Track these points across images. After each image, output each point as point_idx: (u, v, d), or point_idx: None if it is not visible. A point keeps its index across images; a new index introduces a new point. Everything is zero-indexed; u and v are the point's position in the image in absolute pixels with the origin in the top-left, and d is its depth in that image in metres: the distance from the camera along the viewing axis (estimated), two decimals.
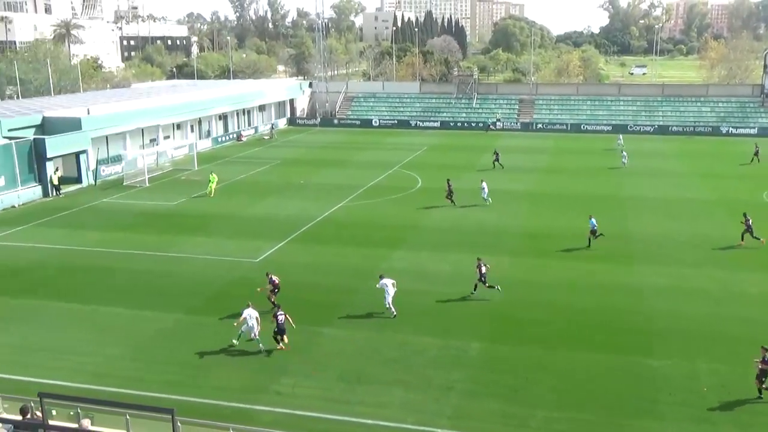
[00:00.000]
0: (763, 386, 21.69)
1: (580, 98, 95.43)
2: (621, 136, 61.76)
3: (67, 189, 53.27)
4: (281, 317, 25.29)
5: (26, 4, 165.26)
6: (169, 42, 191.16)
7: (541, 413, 21.27)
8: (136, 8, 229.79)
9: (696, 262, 35.21)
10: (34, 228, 42.91)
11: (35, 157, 51.41)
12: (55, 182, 51.79)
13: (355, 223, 43.42)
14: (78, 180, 55.91)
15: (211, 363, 24.62)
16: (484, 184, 47.80)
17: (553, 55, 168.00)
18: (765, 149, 64.45)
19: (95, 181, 56.57)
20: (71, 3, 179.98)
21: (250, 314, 25.18)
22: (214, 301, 30.39)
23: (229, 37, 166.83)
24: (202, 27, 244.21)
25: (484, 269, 30.10)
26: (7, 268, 35.01)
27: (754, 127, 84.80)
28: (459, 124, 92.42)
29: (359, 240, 39.48)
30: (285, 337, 25.28)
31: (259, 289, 29.26)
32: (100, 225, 43.49)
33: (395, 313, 28.15)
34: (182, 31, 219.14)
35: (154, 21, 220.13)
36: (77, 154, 55.57)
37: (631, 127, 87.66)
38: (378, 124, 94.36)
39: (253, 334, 25.18)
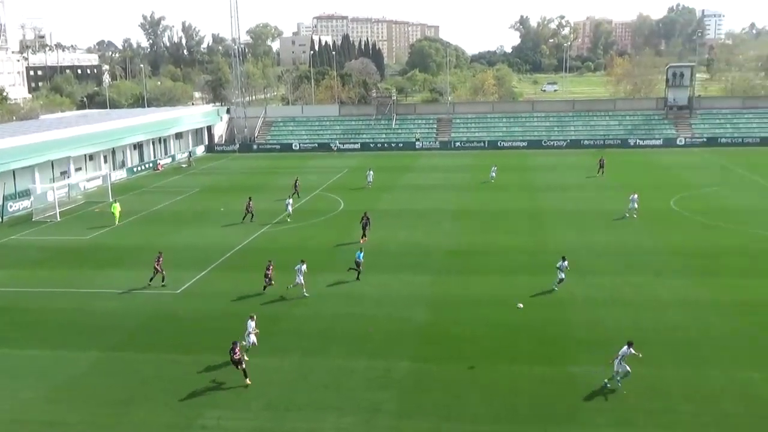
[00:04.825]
0: None
1: (496, 116, 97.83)
2: (494, 168, 63.67)
3: None
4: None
5: None
6: (79, 71, 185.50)
7: (470, 428, 21.42)
8: (43, 37, 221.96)
9: (613, 271, 36.38)
10: None
11: None
12: None
13: (278, 248, 42.91)
14: None
15: (134, 400, 23.73)
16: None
17: (469, 74, 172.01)
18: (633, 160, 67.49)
19: (2, 218, 54.06)
20: None
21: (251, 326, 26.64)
22: (135, 337, 29.38)
23: (142, 65, 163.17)
24: (113, 55, 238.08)
25: None
26: None
27: (659, 138, 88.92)
28: (380, 145, 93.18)
29: (283, 265, 38.97)
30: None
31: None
32: (8, 263, 41.49)
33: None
34: (93, 60, 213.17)
35: (63, 50, 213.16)
36: None
37: (545, 142, 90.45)
38: (298, 147, 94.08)
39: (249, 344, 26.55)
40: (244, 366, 24.36)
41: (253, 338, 26.73)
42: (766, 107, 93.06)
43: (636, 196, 48.34)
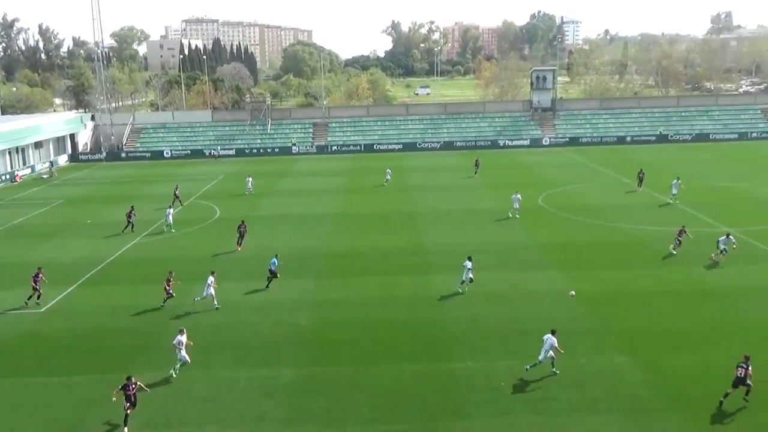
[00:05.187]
0: (732, 390, 22.10)
1: (371, 119, 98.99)
2: (389, 170, 64.84)
3: None
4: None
5: None
6: None
7: (356, 430, 21.52)
8: None
9: (487, 267, 37.64)
10: None
11: None
12: None
13: (150, 260, 41.29)
14: None
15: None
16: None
17: (343, 78, 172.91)
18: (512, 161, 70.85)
19: None
20: None
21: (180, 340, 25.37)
22: None
23: None
24: None
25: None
26: None
27: (526, 139, 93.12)
28: (255, 151, 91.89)
29: (156, 278, 37.46)
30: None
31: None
32: None
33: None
34: None
35: None
36: None
37: (419, 144, 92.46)
38: (170, 155, 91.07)
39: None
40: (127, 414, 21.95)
41: (184, 354, 25.64)
42: (620, 108, 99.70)
43: (518, 195, 50.04)
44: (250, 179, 63.29)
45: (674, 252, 38.59)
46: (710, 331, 28.11)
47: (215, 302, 32.16)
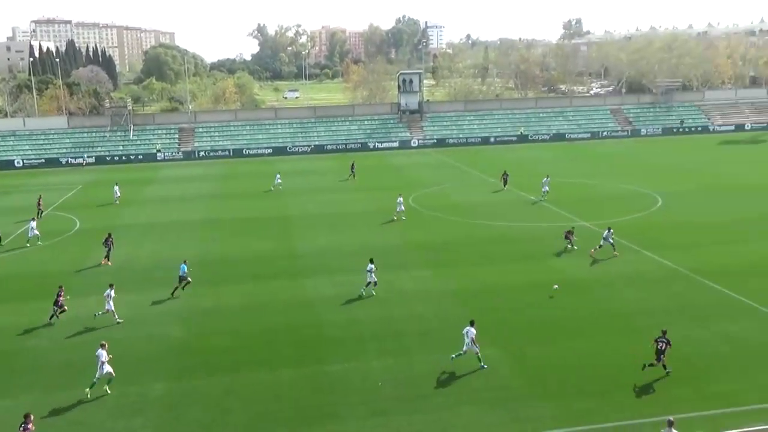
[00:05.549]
0: (660, 363, 24.03)
1: (240, 123, 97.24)
2: (278, 175, 63.99)
3: None
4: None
5: None
6: None
7: None
8: None
9: (362, 269, 37.80)
10: None
11: None
12: None
13: (4, 276, 38.46)
14: None
15: None
16: None
17: (209, 82, 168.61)
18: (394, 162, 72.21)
19: None
20: None
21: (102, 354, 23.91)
22: None
23: None
24: None
25: None
26: None
27: (395, 141, 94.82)
28: (117, 158, 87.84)
29: (10, 296, 35.04)
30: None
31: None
32: None
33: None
34: None
35: None
36: None
37: (290, 148, 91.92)
38: (22, 164, 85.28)
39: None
40: None
41: (107, 367, 24.05)
42: (484, 110, 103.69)
43: (401, 198, 50.49)
44: (117, 187, 60.39)
45: (573, 248, 39.77)
46: (573, 321, 29.71)
47: (116, 318, 30.71)
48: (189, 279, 34.34)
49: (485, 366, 25.19)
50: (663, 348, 23.93)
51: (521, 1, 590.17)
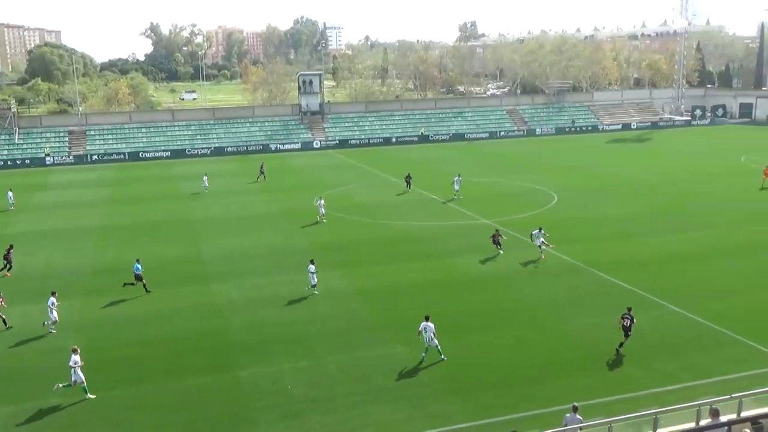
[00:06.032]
0: (628, 339, 25.70)
1: (135, 126, 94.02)
2: (205, 177, 62.05)
3: None
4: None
5: None
6: None
7: None
8: None
9: (268, 272, 37.52)
10: None
11: None
12: None
13: None
14: None
15: None
16: None
17: (100, 83, 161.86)
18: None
19: None
20: None
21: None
22: None
23: None
24: None
25: None
26: None
27: (297, 143, 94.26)
28: (2, 163, 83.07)
29: None
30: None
31: None
32: None
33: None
34: None
35: None
36: None
37: (189, 151, 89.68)
38: None
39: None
40: None
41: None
42: (385, 111, 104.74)
43: (322, 201, 49.93)
44: (11, 193, 56.94)
45: (500, 252, 39.17)
46: (478, 317, 30.41)
47: (51, 327, 29.48)
48: (144, 280, 33.99)
49: (444, 358, 25.57)
50: (629, 324, 25.72)
51: (418, 4, 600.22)
